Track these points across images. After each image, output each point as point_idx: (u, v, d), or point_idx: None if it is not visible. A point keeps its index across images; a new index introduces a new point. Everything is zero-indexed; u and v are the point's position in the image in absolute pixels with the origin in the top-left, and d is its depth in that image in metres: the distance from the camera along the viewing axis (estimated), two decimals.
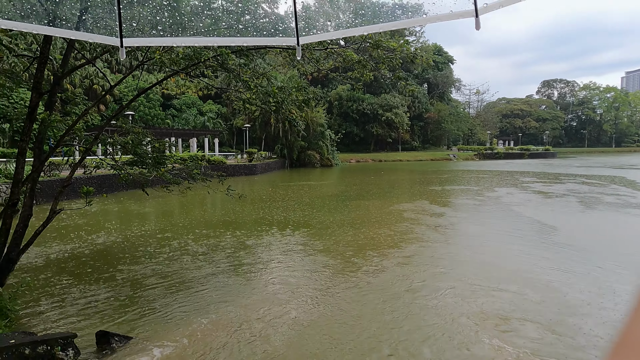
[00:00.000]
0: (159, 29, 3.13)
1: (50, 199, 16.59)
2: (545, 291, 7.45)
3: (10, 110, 33.15)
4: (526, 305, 6.75)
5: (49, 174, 19.79)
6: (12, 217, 6.17)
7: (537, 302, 6.96)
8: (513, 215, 15.64)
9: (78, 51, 7.58)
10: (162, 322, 6.25)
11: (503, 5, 1.83)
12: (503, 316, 6.31)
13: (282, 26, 5.76)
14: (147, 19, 3.04)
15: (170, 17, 3.44)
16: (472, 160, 78.36)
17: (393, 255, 9.78)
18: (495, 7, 1.85)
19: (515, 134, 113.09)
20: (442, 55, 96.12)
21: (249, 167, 40.93)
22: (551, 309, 6.65)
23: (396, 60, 6.62)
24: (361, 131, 79.54)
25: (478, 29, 1.87)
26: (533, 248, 10.57)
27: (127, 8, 2.72)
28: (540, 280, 8.06)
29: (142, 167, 7.76)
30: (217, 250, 10.50)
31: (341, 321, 6.21)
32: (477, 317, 6.27)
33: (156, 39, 3.24)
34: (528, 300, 6.99)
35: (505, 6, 1.83)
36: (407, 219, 14.64)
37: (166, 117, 55.44)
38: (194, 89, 59.04)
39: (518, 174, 38.93)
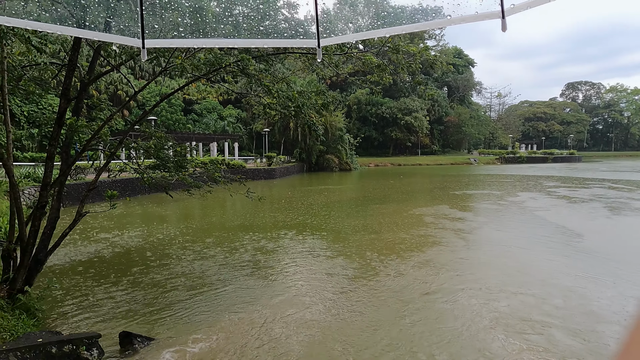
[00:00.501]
0: (180, 30, 3.19)
1: (76, 201, 17.08)
2: (569, 297, 7.26)
3: (39, 116, 34.34)
4: (550, 311, 6.57)
5: (75, 178, 20.36)
6: (40, 219, 6.36)
7: (560, 307, 6.79)
8: (536, 221, 15.28)
9: (104, 58, 7.79)
10: (183, 323, 6.34)
11: (531, 6, 1.77)
12: (525, 321, 6.15)
13: (302, 30, 5.80)
14: (170, 24, 3.11)
15: (192, 23, 3.51)
16: (493, 164, 76.96)
17: (412, 259, 9.68)
18: (523, 8, 1.80)
19: (538, 138, 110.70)
20: (462, 58, 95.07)
21: (268, 171, 41.20)
22: (575, 315, 6.47)
23: (416, 65, 6.57)
24: (380, 135, 79.17)
25: (504, 30, 1.83)
26: (557, 254, 10.29)
27: (150, 11, 2.79)
28: (564, 286, 7.85)
29: (164, 171, 7.90)
30: (236, 253, 10.59)
31: (359, 325, 6.16)
32: (497, 321, 6.14)
33: (177, 40, 3.29)
34: (551, 306, 6.80)
35: (532, 7, 1.77)
36: (427, 224, 14.47)
37: (187, 121, 56.42)
38: (214, 94, 59.96)
39: (541, 178, 38.04)
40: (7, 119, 6.59)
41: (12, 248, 6.28)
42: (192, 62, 6.92)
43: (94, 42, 7.07)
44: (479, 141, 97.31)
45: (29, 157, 29.20)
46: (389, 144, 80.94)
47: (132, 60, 7.78)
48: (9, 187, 6.30)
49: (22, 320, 5.53)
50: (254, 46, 5.95)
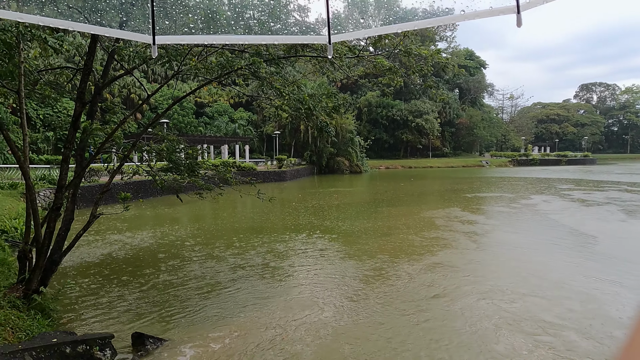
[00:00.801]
0: (193, 33, 3.21)
1: (90, 203, 17.31)
2: (582, 300, 7.15)
3: (55, 119, 34.95)
4: (563, 314, 6.47)
5: (89, 180, 20.66)
6: (55, 220, 6.47)
7: (574, 310, 6.69)
8: (550, 224, 15.06)
9: (118, 62, 7.90)
10: (195, 324, 6.38)
11: (547, 0, 1.72)
12: (537, 323, 6.06)
13: (313, 33, 5.81)
14: (182, 27, 3.14)
15: (205, 26, 3.54)
16: (505, 166, 76.13)
17: (423, 262, 9.61)
18: (539, 3, 1.75)
19: (551, 140, 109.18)
20: (473, 60, 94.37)
21: (279, 173, 41.33)
22: (589, 318, 6.35)
23: (427, 68, 6.54)
24: (391, 137, 78.89)
25: (519, 25, 1.78)
26: (571, 257, 10.14)
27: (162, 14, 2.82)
28: (578, 289, 7.74)
29: (176, 174, 7.97)
30: (247, 255, 10.62)
31: (369, 328, 6.13)
32: (509, 324, 6.05)
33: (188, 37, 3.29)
34: (565, 309, 6.70)
35: (549, 1, 1.72)
36: (438, 226, 14.36)
37: (199, 124, 56.94)
38: (225, 97, 60.43)
39: (555, 181, 37.51)
40: (24, 122, 6.72)
41: (28, 249, 6.39)
42: (205, 65, 6.99)
43: (108, 46, 7.18)
44: (490, 143, 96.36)
45: (44, 160, 29.71)
46: (400, 147, 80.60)
47: (145, 64, 7.89)
48: (25, 189, 6.41)
49: (37, 320, 5.62)
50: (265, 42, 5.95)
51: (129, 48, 7.08)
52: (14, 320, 5.22)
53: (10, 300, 5.70)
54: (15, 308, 5.60)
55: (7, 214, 12.60)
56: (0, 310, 5.27)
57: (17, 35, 5.60)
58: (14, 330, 5.03)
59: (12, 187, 16.70)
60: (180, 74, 7.10)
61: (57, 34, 5.61)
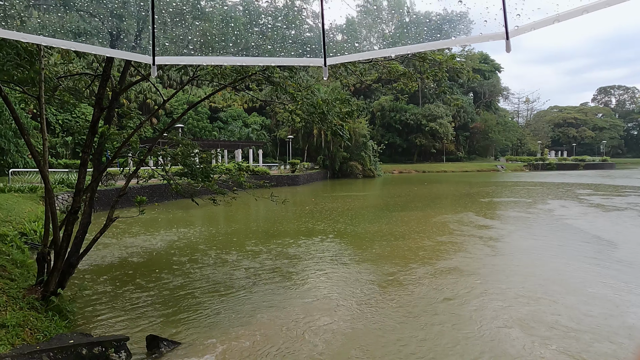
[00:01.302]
0: (208, 39, 3.25)
1: (107, 207, 17.59)
2: (600, 307, 6.99)
3: (73, 124, 35.71)
4: (581, 319, 6.32)
5: (106, 184, 21.03)
6: (73, 223, 6.59)
7: (591, 316, 6.54)
8: (567, 229, 14.77)
9: (134, 68, 8.05)
10: (208, 328, 6.41)
11: (535, 27, 1.78)
12: (554, 328, 5.93)
13: (327, 39, 5.81)
14: (199, 33, 3.18)
15: (219, 34, 3.58)
16: (521, 171, 75.05)
17: (437, 267, 9.51)
18: (527, 30, 1.81)
19: (568, 144, 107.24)
20: (488, 64, 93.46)
21: (292, 177, 41.45)
22: (606, 325, 6.19)
23: (442, 73, 6.51)
24: (404, 142, 78.53)
25: (509, 51, 1.84)
26: (589, 263, 9.92)
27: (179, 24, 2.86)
28: (597, 295, 7.59)
29: (190, 178, 8.06)
30: (261, 258, 10.66)
31: (382, 333, 6.09)
32: (525, 329, 5.94)
33: (186, 58, 3.36)
34: (583, 315, 6.55)
35: (537, 29, 1.78)
36: (452, 231, 14.21)
37: (213, 129, 57.52)
38: (239, 102, 60.96)
39: (573, 185, 36.82)
40: (44, 127, 6.88)
41: (46, 252, 6.53)
42: (220, 70, 7.08)
43: None
44: (506, 148, 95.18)
45: (63, 164, 30.36)
46: (413, 151, 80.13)
47: (161, 70, 8.00)
48: (44, 192, 6.56)
49: (55, 321, 5.72)
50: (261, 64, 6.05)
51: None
52: (32, 321, 5.33)
53: (29, 302, 5.82)
54: (33, 309, 5.72)
55: (27, 217, 12.89)
56: (20, 312, 5.39)
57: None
58: (33, 331, 5.14)
59: (31, 191, 17.07)
60: (195, 79, 7.20)
61: (80, 39, 5.74)
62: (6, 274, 6.77)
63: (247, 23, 3.70)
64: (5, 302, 5.48)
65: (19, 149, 25.64)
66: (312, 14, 5.60)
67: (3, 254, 7.89)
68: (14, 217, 12.26)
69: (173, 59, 3.12)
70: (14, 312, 5.26)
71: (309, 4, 5.21)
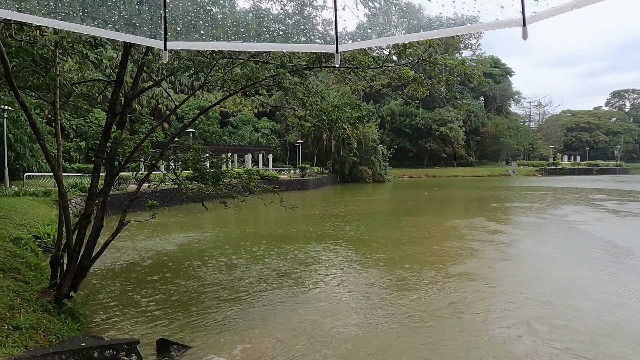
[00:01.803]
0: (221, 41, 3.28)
1: (118, 211, 17.80)
2: (614, 313, 6.86)
3: (87, 129, 36.29)
4: (595, 325, 6.20)
5: (118, 188, 21.28)
6: (86, 227, 6.68)
7: (605, 322, 6.41)
8: (581, 235, 14.54)
9: (147, 74, 8.15)
10: (219, 332, 6.43)
11: (553, 14, 1.74)
12: (567, 333, 5.83)
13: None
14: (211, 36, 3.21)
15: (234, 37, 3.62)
16: (533, 176, 74.22)
17: (448, 272, 9.42)
18: (545, 16, 1.78)
19: (582, 149, 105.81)
20: (499, 68, 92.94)
21: (302, 182, 41.52)
22: (620, 332, 6.06)
23: (453, 79, 6.49)
24: (414, 146, 78.24)
25: (525, 38, 1.81)
26: (603, 270, 9.76)
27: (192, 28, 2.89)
28: (611, 301, 7.45)
29: (201, 182, 8.12)
30: (271, 262, 10.67)
31: (393, 337, 6.04)
32: (536, 335, 5.84)
33: (198, 43, 3.37)
34: (598, 321, 6.43)
35: (555, 15, 1.74)
36: (463, 236, 14.07)
37: (224, 133, 57.97)
38: (249, 107, 61.34)
39: (586, 191, 36.27)
40: (58, 132, 7.00)
41: (59, 255, 6.62)
42: (230, 76, 7.13)
43: (138, 59, 7.43)
44: (517, 152, 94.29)
45: (76, 168, 30.78)
46: (424, 155, 79.78)
47: (173, 75, 8.10)
48: (58, 196, 6.66)
49: (67, 324, 5.79)
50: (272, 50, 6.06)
51: (157, 60, 7.30)
52: (45, 323, 5.40)
53: (43, 304, 5.90)
54: (46, 312, 5.79)
55: (41, 221, 13.09)
56: (33, 314, 5.46)
57: (53, 50, 5.87)
58: (46, 333, 5.20)
59: (45, 195, 17.35)
60: (206, 85, 7.27)
61: (97, 50, 5.87)
62: (20, 276, 6.87)
63: (258, 30, 3.73)
64: (19, 304, 5.57)
65: (34, 153, 26.11)
66: (322, 22, 5.64)
67: (17, 257, 8.02)
68: (29, 221, 12.47)
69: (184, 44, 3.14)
70: (27, 315, 5.33)
71: (317, 10, 5.23)
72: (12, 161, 23.95)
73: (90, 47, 5.74)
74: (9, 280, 6.39)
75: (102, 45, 5.86)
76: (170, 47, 2.29)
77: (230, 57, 6.99)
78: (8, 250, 8.25)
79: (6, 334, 4.68)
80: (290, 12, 5.98)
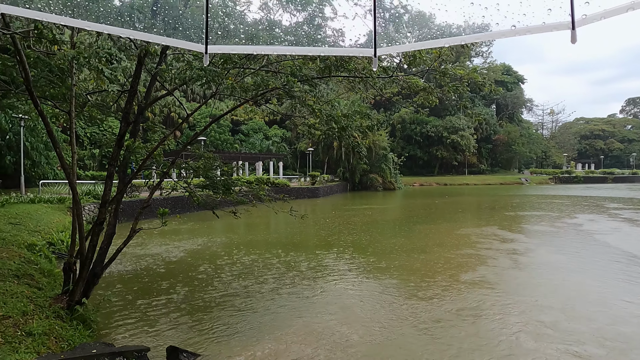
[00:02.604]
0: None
1: (130, 218, 17.98)
2: (630, 324, 6.68)
3: (101, 137, 36.87)
4: (610, 336, 6.05)
5: (130, 195, 21.50)
6: (99, 234, 6.76)
7: (620, 333, 6.25)
8: (596, 245, 14.26)
9: (160, 83, 8.28)
10: (228, 340, 6.42)
11: (605, 16, 1.67)
12: (583, 347, 5.70)
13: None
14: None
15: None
16: (547, 184, 73.23)
17: (459, 281, 9.30)
18: (596, 19, 1.70)
19: (596, 157, 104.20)
20: (511, 75, 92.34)
21: (312, 189, 41.53)
22: (634, 342, 5.91)
23: (463, 88, 6.47)
24: (425, 154, 77.88)
25: (574, 42, 1.74)
26: (619, 280, 9.55)
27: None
28: (628, 312, 7.26)
29: (212, 190, 8.18)
30: (280, 271, 10.66)
31: (403, 347, 5.97)
32: (546, 342, 5.72)
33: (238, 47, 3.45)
34: (614, 332, 6.27)
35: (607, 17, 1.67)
36: (475, 245, 13.90)
37: (235, 141, 58.41)
38: (260, 115, 61.78)
39: (601, 199, 35.65)
40: (73, 140, 7.14)
41: (72, 261, 6.70)
42: (241, 85, 7.21)
43: (151, 69, 7.55)
44: (530, 160, 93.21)
45: (90, 176, 31.24)
46: (435, 163, 79.32)
47: (185, 85, 8.21)
48: (72, 203, 6.76)
49: (79, 330, 5.84)
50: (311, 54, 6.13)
51: (170, 70, 7.41)
52: (57, 330, 5.46)
53: (55, 311, 5.97)
54: (59, 318, 5.86)
55: (55, 227, 13.29)
56: (46, 320, 5.53)
57: (70, 61, 6.00)
58: (57, 339, 5.26)
59: (60, 202, 17.62)
60: (218, 93, 7.35)
61: (112, 65, 6.00)
62: (34, 282, 6.97)
63: (268, 41, 3.79)
64: (32, 310, 5.64)
65: (49, 161, 26.60)
66: (333, 33, 5.68)
67: (32, 263, 8.14)
68: (43, 227, 12.67)
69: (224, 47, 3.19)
70: (40, 321, 5.40)
71: (326, 20, 5.28)
72: (28, 169, 24.43)
73: (106, 63, 5.86)
74: (23, 287, 6.49)
75: (117, 60, 5.98)
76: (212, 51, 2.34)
77: (241, 66, 7.07)
78: (23, 256, 8.39)
79: (19, 339, 4.75)
80: (301, 22, 6.04)
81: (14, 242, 9.63)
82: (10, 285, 6.29)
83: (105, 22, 2.59)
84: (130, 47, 7.04)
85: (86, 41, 9.01)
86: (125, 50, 7.37)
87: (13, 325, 5.00)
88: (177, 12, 3.83)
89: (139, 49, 6.61)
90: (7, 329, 4.85)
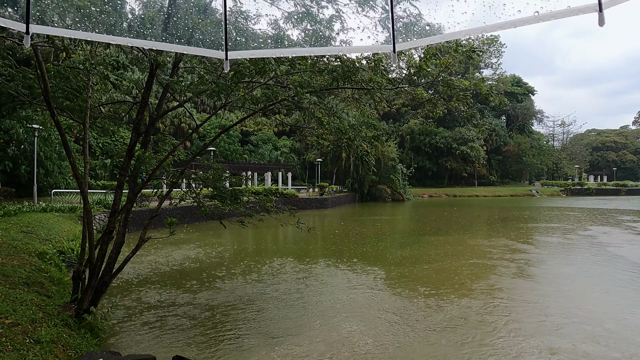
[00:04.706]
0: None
1: (139, 227, 18.11)
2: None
3: (112, 147, 37.38)
4: (623, 349, 5.92)
5: (140, 205, 21.70)
6: (108, 243, 6.83)
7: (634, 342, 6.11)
8: (610, 257, 14.01)
9: (171, 94, 8.42)
10: (234, 350, 6.41)
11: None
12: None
13: None
14: None
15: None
16: (558, 196, 72.27)
17: (469, 293, 9.19)
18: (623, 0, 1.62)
19: (608, 168, 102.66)
20: (521, 86, 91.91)
21: (320, 200, 41.49)
22: None
23: (468, 100, 6.48)
24: (434, 165, 77.49)
25: (602, 25, 1.67)
26: (633, 292, 9.35)
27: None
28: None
29: (220, 201, 8.24)
30: (287, 281, 10.63)
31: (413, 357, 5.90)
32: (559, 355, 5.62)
33: (257, 51, 3.51)
34: (629, 345, 6.13)
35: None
36: (486, 256, 13.74)
37: (244, 152, 58.74)
38: (269, 126, 62.22)
39: (614, 211, 35.06)
40: (86, 150, 7.27)
41: (81, 270, 6.77)
42: (251, 96, 7.31)
43: (162, 81, 7.69)
44: (541, 172, 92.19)
45: (101, 185, 31.60)
46: (444, 174, 78.82)
47: (196, 96, 8.34)
48: (83, 212, 6.85)
49: (86, 339, 5.88)
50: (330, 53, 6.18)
51: (181, 82, 7.54)
52: (65, 338, 5.49)
53: (63, 319, 6.02)
54: (67, 326, 5.90)
55: (66, 236, 13.45)
56: (54, 328, 5.57)
57: (87, 74, 6.15)
58: (65, 347, 5.29)
59: (71, 211, 17.85)
60: (227, 105, 7.45)
61: (118, 72, 6.13)
62: (44, 290, 7.05)
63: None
64: (41, 318, 5.69)
65: (62, 170, 26.99)
66: (340, 42, 5.74)
67: (42, 271, 8.24)
68: (54, 236, 12.82)
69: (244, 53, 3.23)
70: (48, 329, 5.45)
71: (334, 32, 5.33)
72: (41, 178, 24.81)
73: (112, 69, 5.99)
74: (33, 294, 6.56)
75: (124, 68, 6.11)
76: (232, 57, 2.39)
77: (251, 80, 7.17)
78: (33, 264, 8.49)
79: (27, 347, 4.79)
80: (310, 34, 6.11)
81: (25, 250, 9.75)
82: (20, 293, 6.36)
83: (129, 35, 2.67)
84: (142, 59, 7.19)
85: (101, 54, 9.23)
86: (137, 64, 7.52)
87: (22, 332, 5.05)
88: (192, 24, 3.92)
89: (150, 60, 6.74)
90: (16, 336, 4.90)
